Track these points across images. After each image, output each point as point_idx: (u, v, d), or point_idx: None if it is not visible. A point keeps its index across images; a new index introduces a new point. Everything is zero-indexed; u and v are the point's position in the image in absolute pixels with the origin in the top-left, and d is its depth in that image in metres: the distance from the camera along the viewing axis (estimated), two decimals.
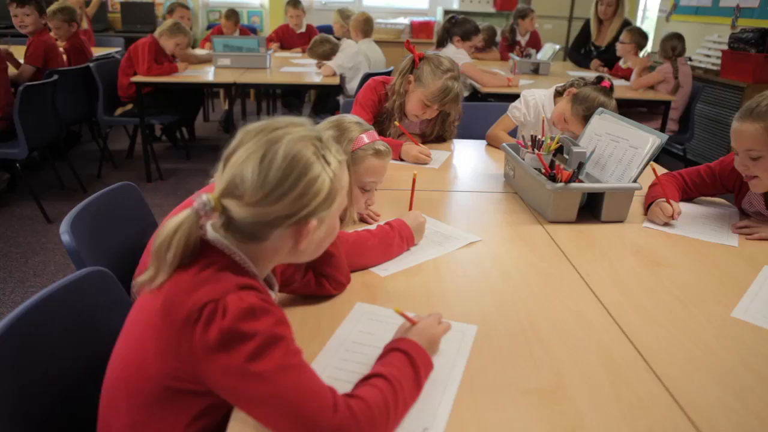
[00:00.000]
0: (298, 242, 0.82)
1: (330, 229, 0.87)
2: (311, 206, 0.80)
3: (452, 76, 2.01)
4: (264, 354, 0.72)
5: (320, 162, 0.82)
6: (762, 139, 1.41)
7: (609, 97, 1.95)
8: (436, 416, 0.84)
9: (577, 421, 0.84)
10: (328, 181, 0.82)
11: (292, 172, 0.78)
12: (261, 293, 0.77)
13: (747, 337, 1.08)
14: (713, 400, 0.90)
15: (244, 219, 0.78)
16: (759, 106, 1.42)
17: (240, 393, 0.73)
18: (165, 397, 0.78)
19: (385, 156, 1.41)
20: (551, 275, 1.28)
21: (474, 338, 1.03)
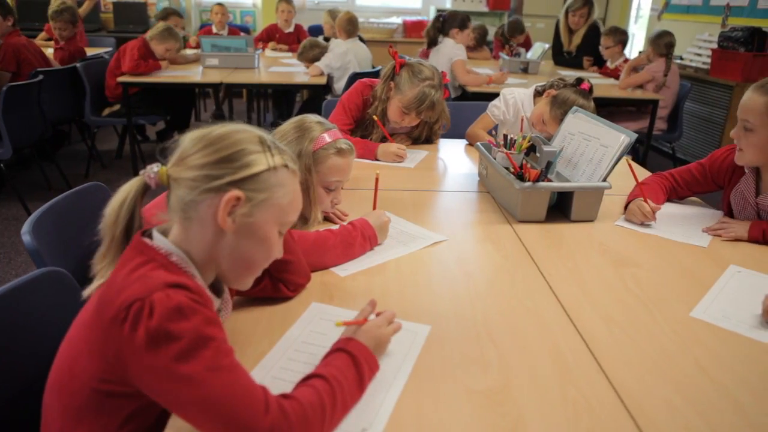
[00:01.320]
0: (215, 217, 0.80)
1: (263, 240, 0.85)
2: (236, 175, 0.80)
3: (430, 84, 1.98)
4: (192, 355, 0.71)
5: (262, 148, 0.83)
6: (759, 113, 1.41)
7: (587, 100, 1.94)
8: (377, 417, 0.83)
9: (519, 421, 0.83)
10: (264, 165, 0.82)
11: (228, 139, 0.82)
12: (192, 293, 0.76)
13: (704, 338, 1.07)
14: (660, 401, 0.89)
15: (180, 185, 0.80)
16: None
17: (168, 394, 0.72)
18: (94, 400, 0.77)
19: (348, 154, 1.41)
20: (513, 275, 1.27)
21: (426, 338, 1.02)
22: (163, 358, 0.70)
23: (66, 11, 3.88)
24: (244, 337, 1.01)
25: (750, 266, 1.37)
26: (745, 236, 1.50)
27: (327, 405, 0.78)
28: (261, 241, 0.85)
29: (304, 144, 1.37)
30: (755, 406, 0.89)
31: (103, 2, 6.24)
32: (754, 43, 4.02)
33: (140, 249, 0.81)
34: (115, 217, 0.84)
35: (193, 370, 0.71)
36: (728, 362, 1.00)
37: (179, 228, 0.83)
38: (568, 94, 1.95)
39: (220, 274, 0.88)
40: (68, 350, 0.82)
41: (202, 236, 0.82)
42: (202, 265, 0.84)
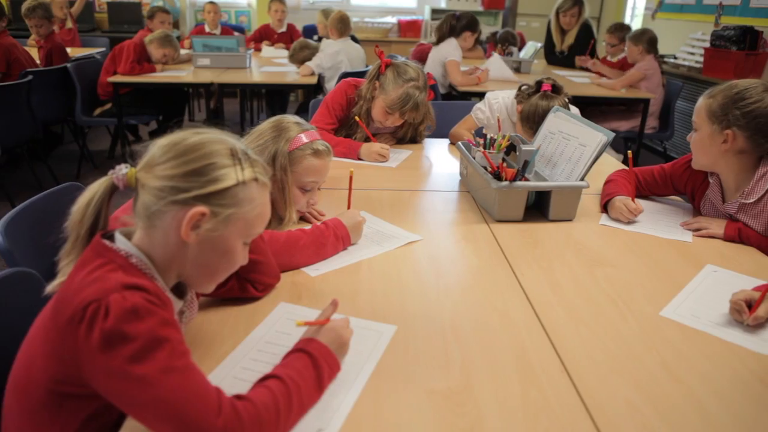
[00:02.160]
0: (179, 229, 0.79)
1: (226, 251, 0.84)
2: (204, 189, 0.79)
3: (415, 86, 1.97)
4: (146, 356, 0.71)
5: (232, 161, 0.82)
6: (701, 114, 1.48)
7: (550, 100, 1.90)
8: (334, 417, 0.83)
9: (477, 422, 0.83)
10: (233, 180, 0.81)
11: (198, 150, 0.81)
12: (149, 294, 0.76)
13: (671, 337, 1.07)
14: (621, 402, 0.88)
15: (147, 192, 0.80)
16: (717, 88, 1.47)
17: (122, 396, 0.72)
18: (51, 401, 0.77)
19: (324, 155, 1.40)
20: (485, 275, 1.27)
21: (391, 339, 1.02)
22: (117, 359, 0.70)
23: (39, 8, 3.87)
24: (210, 338, 1.01)
25: (727, 266, 1.36)
26: (721, 235, 1.50)
27: (281, 406, 0.77)
28: (224, 252, 0.85)
29: (280, 144, 1.36)
30: (717, 406, 0.88)
31: (98, 2, 6.25)
32: (746, 42, 4.00)
33: (99, 250, 0.80)
34: (80, 216, 0.84)
35: (147, 371, 0.70)
36: (694, 362, 0.99)
37: (142, 232, 0.83)
38: (530, 104, 1.92)
39: (182, 277, 0.88)
40: (27, 351, 0.82)
41: (164, 244, 0.82)
42: (163, 268, 0.84)
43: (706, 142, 1.47)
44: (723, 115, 1.42)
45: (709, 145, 1.47)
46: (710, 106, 1.45)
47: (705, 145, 1.48)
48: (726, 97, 1.43)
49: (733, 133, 1.42)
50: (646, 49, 3.85)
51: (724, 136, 1.43)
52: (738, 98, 1.41)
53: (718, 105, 1.44)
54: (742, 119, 1.40)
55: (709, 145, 1.47)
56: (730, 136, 1.42)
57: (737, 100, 1.41)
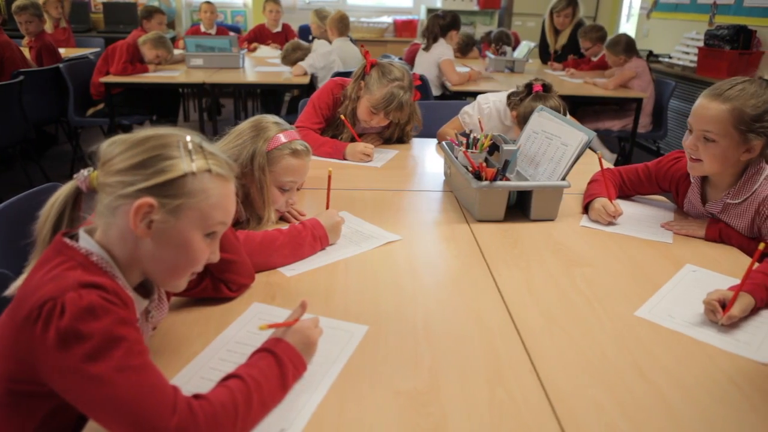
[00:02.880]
0: (129, 222, 0.79)
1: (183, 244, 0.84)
2: (149, 181, 0.79)
3: (399, 86, 1.97)
4: (101, 355, 0.71)
5: (183, 152, 0.82)
6: (722, 122, 1.33)
7: (545, 100, 1.93)
8: (297, 417, 0.83)
9: (441, 422, 0.83)
10: (180, 171, 0.81)
11: (145, 144, 0.82)
12: (108, 293, 0.75)
13: (644, 337, 1.06)
14: (589, 402, 0.88)
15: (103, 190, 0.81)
16: (732, 89, 1.34)
17: (77, 394, 0.72)
18: (9, 400, 0.77)
19: (303, 155, 1.40)
20: (462, 275, 1.27)
21: (361, 339, 1.01)
22: (72, 358, 0.70)
23: (31, 6, 3.89)
24: (180, 338, 1.01)
25: (707, 266, 1.36)
26: (702, 235, 1.49)
27: (240, 405, 0.77)
28: (181, 246, 0.84)
29: (258, 143, 1.36)
30: (684, 406, 0.88)
31: (94, 2, 6.25)
32: (739, 41, 4.00)
33: (59, 249, 0.81)
34: (45, 217, 0.86)
35: (102, 370, 0.70)
36: (665, 362, 0.99)
37: (102, 230, 0.83)
38: (525, 107, 1.95)
39: (146, 275, 0.88)
40: None
41: (122, 240, 0.82)
42: (125, 265, 0.84)
43: (729, 153, 1.36)
44: (756, 124, 1.32)
45: (731, 156, 1.37)
46: (737, 116, 1.32)
47: (727, 156, 1.36)
48: (756, 108, 1.31)
49: (760, 142, 1.34)
50: (627, 55, 3.88)
51: (748, 146, 1.35)
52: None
53: (749, 116, 1.31)
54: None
55: (731, 156, 1.37)
56: (757, 146, 1.35)
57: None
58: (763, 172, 1.40)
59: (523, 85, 2.00)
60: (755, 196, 1.40)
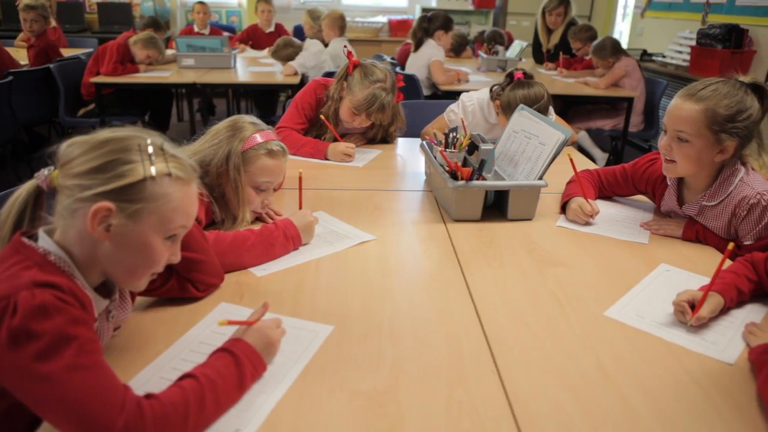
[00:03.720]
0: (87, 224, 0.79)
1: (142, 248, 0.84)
2: (107, 185, 0.79)
3: (381, 87, 1.97)
4: (52, 354, 0.71)
5: (142, 156, 0.82)
6: (695, 122, 1.33)
7: (529, 87, 1.97)
8: (253, 417, 0.82)
9: (396, 422, 0.82)
10: (138, 175, 0.81)
11: (104, 147, 0.81)
12: (63, 292, 0.75)
13: (612, 337, 1.06)
14: (549, 402, 0.88)
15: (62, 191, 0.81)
16: (705, 89, 1.34)
17: (27, 393, 0.72)
18: None
19: (279, 156, 1.40)
20: (433, 275, 1.26)
21: (325, 339, 1.01)
22: (23, 357, 0.70)
23: (40, 7, 3.90)
24: (145, 337, 1.01)
25: (682, 265, 1.35)
26: (679, 235, 1.49)
27: (191, 404, 0.77)
28: (141, 249, 0.84)
29: (234, 143, 1.36)
30: (644, 408, 0.88)
31: (88, 3, 6.25)
32: (731, 40, 4.00)
33: (17, 248, 0.81)
34: (5, 216, 0.86)
35: (51, 369, 0.71)
36: (629, 362, 0.99)
37: (62, 231, 0.83)
38: (508, 94, 1.99)
39: (107, 275, 0.88)
40: None
41: (81, 242, 0.82)
42: (84, 266, 0.84)
43: (703, 154, 1.36)
44: (729, 124, 1.32)
45: (704, 157, 1.36)
46: (710, 117, 1.31)
47: (701, 157, 1.36)
48: (729, 108, 1.31)
49: (733, 143, 1.34)
50: (614, 57, 3.88)
51: (722, 147, 1.34)
52: (742, 108, 1.32)
53: (722, 117, 1.31)
54: (743, 130, 1.33)
55: (705, 157, 1.36)
56: (730, 147, 1.34)
57: (741, 110, 1.32)
58: (738, 174, 1.39)
59: (504, 75, 2.04)
60: (731, 198, 1.39)
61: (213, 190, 1.38)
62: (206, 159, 1.36)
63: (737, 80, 1.36)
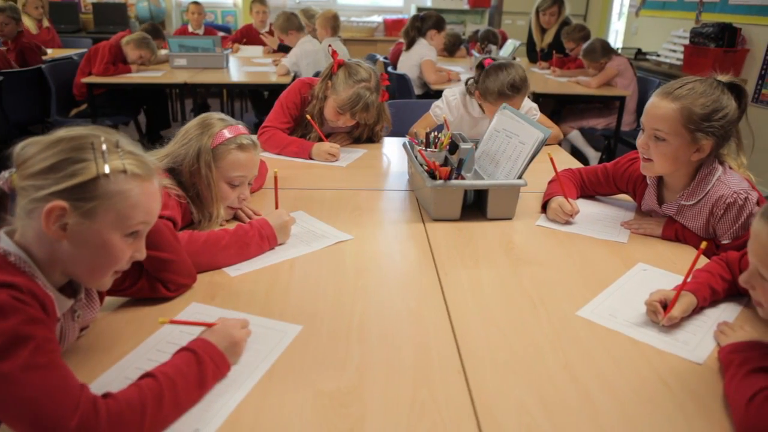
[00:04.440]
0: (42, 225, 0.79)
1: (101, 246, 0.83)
2: (60, 185, 0.79)
3: (366, 86, 1.97)
4: (7, 354, 0.71)
5: (96, 154, 0.81)
6: (672, 121, 1.32)
7: (501, 69, 2.02)
8: (214, 417, 0.82)
9: (358, 422, 0.82)
10: (91, 173, 0.80)
11: (56, 147, 0.81)
12: (21, 292, 0.75)
13: (582, 337, 1.05)
14: (512, 403, 0.87)
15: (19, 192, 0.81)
16: (681, 88, 1.34)
17: None
18: None
19: (250, 149, 1.40)
20: (407, 274, 1.26)
21: (293, 339, 1.01)
22: None
23: (8, 9, 3.90)
24: (112, 337, 1.01)
25: (660, 264, 1.35)
26: (659, 234, 1.49)
27: (149, 404, 0.77)
28: (100, 247, 0.84)
29: (203, 140, 1.37)
30: (608, 407, 0.87)
31: (83, 3, 6.25)
32: (724, 39, 3.99)
33: None
34: None
35: (7, 369, 0.71)
36: (598, 362, 0.98)
37: (20, 232, 0.83)
38: (484, 82, 2.05)
39: (69, 275, 0.88)
40: None
41: (39, 242, 0.82)
42: (46, 266, 0.84)
43: (679, 153, 1.35)
44: (705, 123, 1.31)
45: (681, 155, 1.36)
46: (686, 116, 1.31)
47: (677, 156, 1.36)
48: (705, 107, 1.31)
49: (709, 142, 1.33)
50: (605, 58, 3.88)
51: (698, 146, 1.34)
52: (718, 107, 1.31)
53: (698, 116, 1.30)
54: (719, 129, 1.32)
55: (682, 155, 1.36)
56: (706, 146, 1.34)
57: (717, 109, 1.31)
58: (716, 173, 1.39)
59: (475, 67, 2.10)
60: (708, 198, 1.39)
61: (188, 190, 1.38)
62: (178, 159, 1.36)
63: (715, 79, 1.36)
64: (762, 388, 0.83)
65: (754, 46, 3.98)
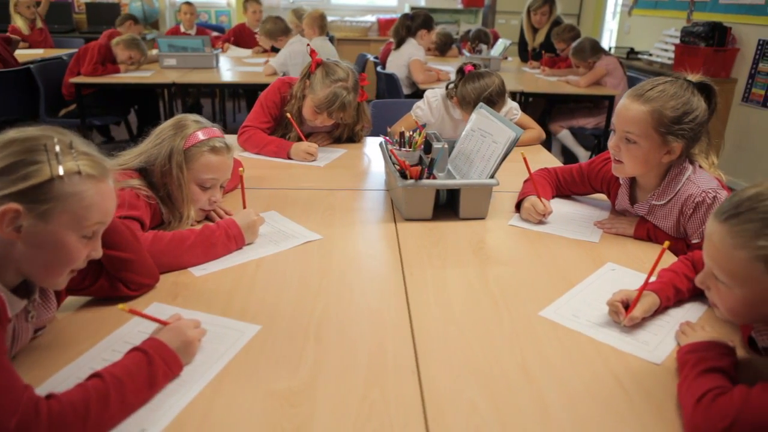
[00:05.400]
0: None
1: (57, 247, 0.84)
2: (13, 187, 0.78)
3: (343, 86, 1.97)
4: None
5: (48, 156, 0.81)
6: (642, 123, 1.32)
7: (479, 77, 2.02)
8: (163, 417, 0.82)
9: (305, 422, 0.82)
10: (45, 175, 0.80)
11: (8, 149, 0.81)
12: None
13: (542, 338, 1.05)
14: (463, 404, 0.87)
15: None
16: (653, 90, 1.33)
17: None
18: None
19: (222, 152, 1.40)
20: (371, 274, 1.26)
21: (251, 338, 1.01)
22: None
23: None
24: (70, 337, 1.00)
25: (629, 264, 1.35)
26: (631, 234, 1.48)
27: (93, 404, 0.77)
28: (55, 248, 0.84)
29: (176, 141, 1.37)
30: (560, 408, 0.87)
31: (77, 3, 6.25)
32: (714, 38, 3.98)
33: None
34: None
35: None
36: (555, 363, 0.98)
37: None
38: (462, 90, 2.06)
39: (23, 275, 0.88)
40: None
41: None
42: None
43: (650, 155, 1.35)
44: (675, 126, 1.31)
45: (652, 158, 1.36)
46: (657, 119, 1.30)
47: (648, 158, 1.35)
48: (675, 109, 1.30)
49: (680, 144, 1.33)
50: (594, 57, 3.87)
51: (668, 148, 1.34)
52: (688, 110, 1.31)
53: (668, 119, 1.30)
54: (689, 132, 1.32)
55: (652, 158, 1.36)
56: (677, 148, 1.34)
57: (688, 112, 1.31)
58: (686, 173, 1.38)
59: (456, 71, 2.10)
60: (678, 197, 1.38)
61: (159, 190, 1.37)
62: (151, 159, 1.36)
63: (686, 80, 1.35)
64: (710, 389, 0.82)
65: (744, 45, 3.97)
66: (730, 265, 0.85)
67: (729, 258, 0.84)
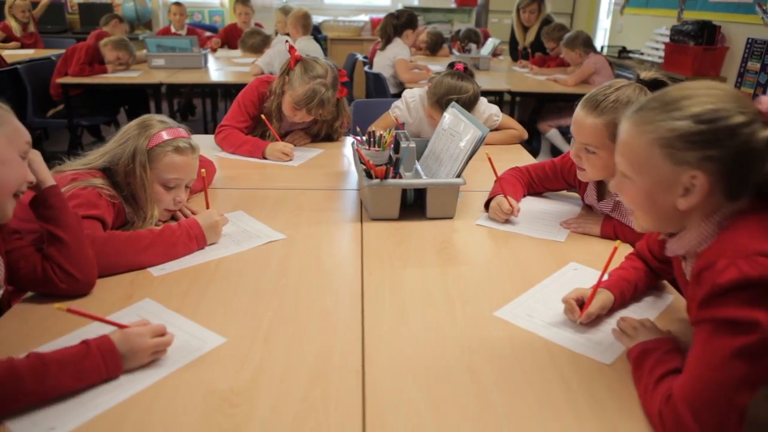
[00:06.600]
0: None
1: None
2: None
3: (322, 83, 1.97)
4: None
5: None
6: (600, 135, 1.33)
7: (459, 78, 2.00)
8: (80, 416, 0.82)
9: (242, 423, 0.82)
10: None
11: None
12: None
13: (494, 338, 1.04)
14: (404, 404, 0.87)
15: None
16: (606, 100, 1.33)
17: None
18: None
19: (186, 152, 1.40)
20: (330, 274, 1.26)
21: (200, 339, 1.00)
22: None
23: None
24: (19, 339, 1.00)
25: (593, 264, 1.34)
26: (597, 232, 1.48)
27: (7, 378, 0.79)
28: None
29: (140, 141, 1.36)
30: (502, 409, 0.87)
31: (70, 3, 6.25)
32: (704, 37, 3.97)
33: None
34: None
35: None
36: (503, 363, 0.97)
37: None
38: (439, 79, 2.05)
39: None
40: None
41: None
42: None
43: (610, 163, 1.25)
44: None
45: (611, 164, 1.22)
46: (612, 130, 1.28)
47: (608, 165, 1.31)
48: None
49: None
50: (584, 51, 3.87)
51: None
52: None
53: None
54: None
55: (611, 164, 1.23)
56: None
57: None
58: None
59: (447, 65, 2.10)
60: None
61: (123, 190, 1.37)
62: (114, 158, 1.36)
63: (639, 80, 1.35)
64: (665, 398, 0.82)
65: (733, 44, 3.96)
66: (633, 154, 0.89)
67: (631, 148, 0.89)
